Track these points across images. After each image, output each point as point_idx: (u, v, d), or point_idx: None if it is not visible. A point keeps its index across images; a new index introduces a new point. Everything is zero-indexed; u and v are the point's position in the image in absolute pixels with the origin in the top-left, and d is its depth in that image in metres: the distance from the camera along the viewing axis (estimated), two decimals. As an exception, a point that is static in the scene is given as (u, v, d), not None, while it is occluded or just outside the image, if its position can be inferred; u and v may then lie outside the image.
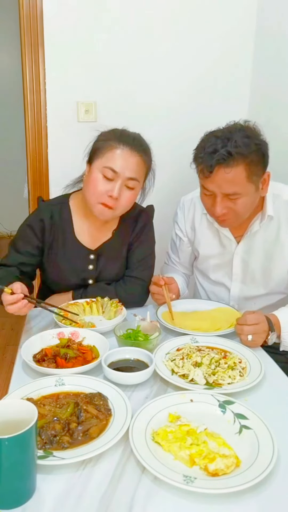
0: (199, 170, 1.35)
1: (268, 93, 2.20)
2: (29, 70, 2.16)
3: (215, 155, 1.27)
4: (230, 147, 1.26)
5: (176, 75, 2.27)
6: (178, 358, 1.16)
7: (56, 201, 1.57)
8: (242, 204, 1.34)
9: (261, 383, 1.10)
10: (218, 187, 1.31)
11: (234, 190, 1.31)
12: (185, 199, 1.66)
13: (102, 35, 2.16)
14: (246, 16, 2.25)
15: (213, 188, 1.33)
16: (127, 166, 1.36)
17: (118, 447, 0.87)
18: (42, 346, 1.22)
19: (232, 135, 1.29)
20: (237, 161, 1.27)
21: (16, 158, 4.39)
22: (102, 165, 1.37)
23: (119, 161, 1.36)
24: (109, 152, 1.37)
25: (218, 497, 0.77)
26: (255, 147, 1.29)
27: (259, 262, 1.51)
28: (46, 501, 0.76)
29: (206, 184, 1.35)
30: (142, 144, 1.42)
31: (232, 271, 1.57)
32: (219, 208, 1.35)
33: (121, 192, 1.37)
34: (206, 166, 1.30)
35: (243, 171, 1.28)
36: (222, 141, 1.28)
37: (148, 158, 1.44)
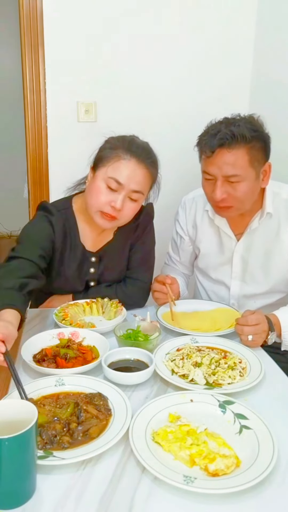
0: (201, 152, 1.36)
1: (268, 95, 2.20)
2: (29, 70, 2.16)
3: (218, 135, 1.29)
4: (234, 129, 1.28)
5: (176, 74, 2.28)
6: (178, 358, 1.16)
7: (61, 206, 1.49)
8: (242, 189, 1.34)
9: (261, 383, 1.10)
10: (219, 168, 1.32)
11: (235, 172, 1.31)
12: (187, 198, 1.67)
13: (102, 35, 2.16)
14: (246, 16, 2.25)
15: (213, 171, 1.33)
16: (133, 178, 1.33)
17: (118, 447, 0.87)
18: (42, 346, 1.22)
19: (236, 120, 1.32)
20: (239, 144, 1.28)
21: (16, 158, 4.40)
22: (107, 174, 1.33)
23: (125, 172, 1.32)
24: (115, 162, 1.33)
25: (218, 497, 0.77)
26: (258, 134, 1.31)
27: (258, 260, 1.52)
28: (46, 501, 0.76)
29: (207, 167, 1.35)
30: (150, 156, 1.39)
31: (232, 269, 1.58)
32: (219, 192, 1.34)
33: (124, 204, 1.34)
34: (208, 147, 1.31)
35: (245, 154, 1.29)
36: (225, 124, 1.31)
37: (155, 171, 1.41)
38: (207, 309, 1.52)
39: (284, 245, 1.47)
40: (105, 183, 1.34)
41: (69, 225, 1.47)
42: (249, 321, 1.24)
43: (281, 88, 2.06)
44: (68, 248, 1.48)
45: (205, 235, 1.61)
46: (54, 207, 1.46)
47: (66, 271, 1.49)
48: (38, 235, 1.40)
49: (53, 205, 1.49)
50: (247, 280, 1.57)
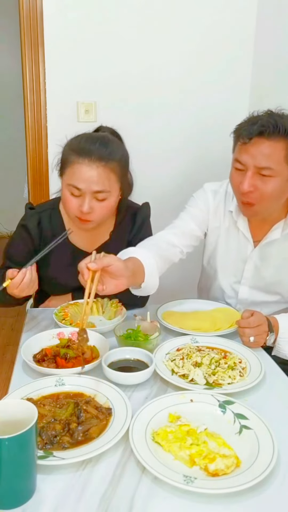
0: (237, 138, 1.30)
1: (268, 96, 2.20)
2: (29, 70, 2.16)
3: (258, 123, 1.23)
4: (277, 119, 1.22)
5: (176, 74, 2.27)
6: (178, 358, 1.16)
7: (45, 206, 1.52)
8: (271, 186, 1.26)
9: (261, 383, 1.10)
10: (253, 158, 1.25)
11: (268, 165, 1.24)
12: (210, 188, 1.54)
13: (102, 35, 2.16)
14: (246, 16, 2.25)
15: (246, 160, 1.26)
16: (90, 180, 1.29)
17: (118, 447, 0.87)
18: (42, 346, 1.22)
19: (281, 114, 1.27)
20: (279, 136, 1.22)
21: (16, 158, 4.40)
22: (67, 182, 1.32)
23: (80, 177, 1.29)
24: (69, 168, 1.31)
25: (218, 497, 0.77)
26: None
27: (271, 272, 1.48)
28: (46, 501, 0.76)
29: (241, 155, 1.28)
30: (105, 149, 1.31)
31: (243, 274, 1.53)
32: (247, 183, 1.27)
33: (93, 205, 1.32)
34: (246, 133, 1.25)
35: (283, 148, 1.23)
36: (270, 115, 1.26)
37: (118, 162, 1.34)
38: (207, 308, 1.51)
39: None
40: (68, 190, 1.33)
41: (54, 225, 1.47)
42: (251, 323, 1.23)
43: (281, 88, 2.06)
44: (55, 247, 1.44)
45: (224, 234, 1.54)
46: (35, 209, 1.49)
47: (56, 269, 1.47)
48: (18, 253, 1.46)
49: (38, 206, 1.53)
50: (256, 287, 1.53)
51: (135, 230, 1.54)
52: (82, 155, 1.30)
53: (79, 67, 2.18)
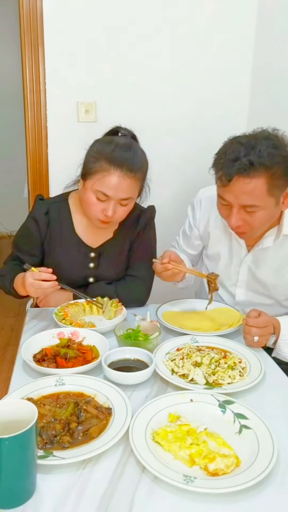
0: (218, 177, 1.28)
1: (268, 98, 2.20)
2: (29, 70, 2.16)
3: (236, 163, 1.19)
4: (253, 156, 1.17)
5: (176, 74, 2.27)
6: (178, 358, 1.16)
7: (55, 199, 1.59)
8: (259, 218, 1.27)
9: (261, 383, 1.10)
10: (236, 197, 1.24)
11: (252, 203, 1.23)
12: (203, 196, 1.58)
13: (102, 35, 2.16)
14: (247, 19, 2.25)
15: (230, 199, 1.26)
16: (119, 189, 1.35)
17: (118, 447, 0.87)
18: (42, 346, 1.22)
19: (257, 143, 1.20)
20: (259, 172, 1.18)
21: (16, 158, 4.40)
22: (94, 187, 1.36)
23: (111, 186, 1.34)
24: (100, 175, 1.35)
25: (218, 497, 0.77)
26: (281, 159, 1.20)
27: (266, 276, 1.48)
28: (46, 501, 0.76)
29: (224, 194, 1.27)
30: (135, 161, 1.37)
31: (238, 277, 1.53)
32: (234, 220, 1.28)
33: (116, 209, 1.38)
34: (225, 174, 1.22)
35: (264, 183, 1.20)
36: (245, 148, 1.19)
37: (141, 174, 1.41)
38: (208, 309, 1.51)
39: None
40: (94, 195, 1.37)
41: (62, 216, 1.53)
42: (260, 323, 1.23)
43: (281, 92, 2.06)
44: (59, 235, 1.52)
45: (217, 238, 1.56)
46: (45, 200, 1.57)
47: (60, 259, 1.51)
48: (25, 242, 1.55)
49: (47, 198, 1.61)
50: (251, 290, 1.53)
51: (138, 230, 1.56)
52: (114, 165, 1.34)
53: (79, 67, 2.18)
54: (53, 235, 1.52)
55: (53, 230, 1.51)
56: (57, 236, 1.52)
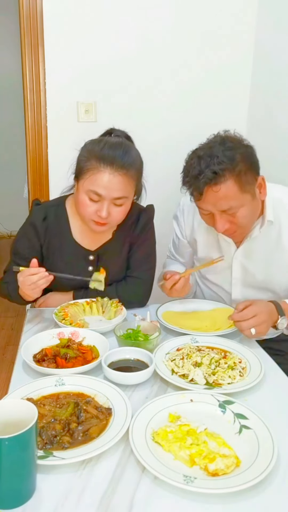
0: (190, 193, 1.33)
1: (267, 98, 2.20)
2: (29, 70, 2.16)
3: (201, 177, 1.25)
4: (214, 166, 1.23)
5: (176, 75, 2.27)
6: (178, 358, 1.16)
7: (52, 203, 1.57)
8: (241, 215, 1.31)
9: (261, 383, 1.10)
10: (213, 205, 1.29)
11: (230, 205, 1.28)
12: (185, 202, 1.62)
13: (102, 35, 2.16)
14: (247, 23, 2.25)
15: (208, 208, 1.31)
16: (112, 187, 1.32)
17: (118, 447, 0.87)
18: (42, 346, 1.22)
19: (213, 151, 1.25)
20: (225, 177, 1.24)
21: (16, 158, 4.40)
22: (86, 187, 1.34)
23: (102, 184, 1.32)
24: (91, 174, 1.33)
25: (218, 497, 0.77)
26: (240, 157, 1.25)
27: (259, 268, 1.49)
28: (46, 501, 0.76)
29: (201, 205, 1.33)
30: (127, 157, 1.35)
31: (232, 275, 1.54)
32: (220, 225, 1.32)
33: (110, 210, 1.36)
34: (195, 190, 1.28)
35: (233, 184, 1.25)
36: (205, 160, 1.25)
37: (136, 169, 1.38)
38: (207, 308, 1.52)
39: (285, 251, 1.43)
40: (87, 195, 1.35)
41: (59, 220, 1.51)
42: (244, 315, 1.24)
43: (280, 93, 2.06)
44: (57, 241, 1.50)
45: (204, 241, 1.58)
46: (42, 205, 1.54)
47: (58, 265, 1.49)
48: (24, 248, 1.51)
49: (44, 202, 1.58)
50: (248, 286, 1.54)
51: (137, 231, 1.54)
52: (104, 163, 1.32)
53: (79, 67, 2.18)
54: (51, 241, 1.50)
55: (51, 235, 1.50)
56: (55, 242, 1.50)
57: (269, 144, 2.09)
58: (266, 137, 2.13)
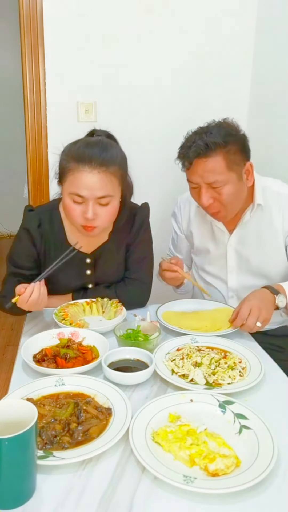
0: (182, 164, 1.41)
1: (267, 96, 2.20)
2: (29, 70, 2.16)
3: (192, 148, 1.34)
4: (207, 138, 1.32)
5: (176, 75, 2.28)
6: (178, 358, 1.16)
7: (45, 208, 1.53)
8: (226, 193, 1.38)
9: (261, 383, 1.10)
10: (200, 177, 1.37)
11: (215, 179, 1.35)
12: (182, 198, 1.71)
13: (102, 35, 2.16)
14: (246, 18, 2.25)
15: (196, 179, 1.38)
16: (93, 187, 1.29)
17: (118, 447, 0.87)
18: (42, 346, 1.22)
19: (209, 128, 1.36)
20: (214, 151, 1.32)
21: (16, 158, 4.40)
22: (68, 190, 1.32)
23: (82, 185, 1.28)
24: (70, 177, 1.30)
25: (218, 497, 0.77)
26: (232, 138, 1.35)
27: (252, 252, 1.55)
28: (46, 501, 0.76)
29: (190, 177, 1.40)
30: (105, 154, 1.31)
31: (227, 263, 1.60)
32: (205, 198, 1.39)
33: (97, 211, 1.32)
34: (186, 159, 1.37)
35: (221, 160, 1.33)
36: (199, 135, 1.35)
37: (118, 165, 1.33)
38: (207, 308, 1.52)
39: (277, 234, 1.49)
40: (70, 199, 1.32)
41: (54, 226, 1.48)
42: (243, 317, 1.27)
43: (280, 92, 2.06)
44: (53, 247, 1.48)
45: (199, 231, 1.65)
46: (36, 211, 1.49)
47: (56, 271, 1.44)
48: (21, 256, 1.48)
49: (37, 208, 1.53)
50: (243, 272, 1.59)
51: (134, 232, 1.53)
52: (82, 162, 1.29)
53: (79, 67, 2.18)
54: (47, 247, 1.48)
55: (47, 242, 1.47)
56: (51, 248, 1.47)
57: (269, 145, 2.09)
58: (266, 136, 2.13)
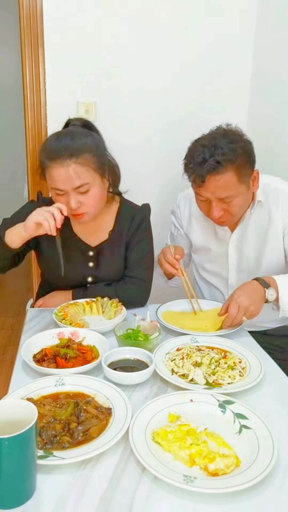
0: (192, 180, 1.40)
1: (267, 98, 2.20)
2: (29, 70, 2.16)
3: (205, 165, 1.32)
4: (218, 156, 1.31)
5: (176, 75, 2.28)
6: (178, 358, 1.16)
7: (48, 199, 1.54)
8: (236, 204, 1.40)
9: (261, 383, 1.10)
10: (212, 193, 1.37)
11: (228, 194, 1.36)
12: (182, 195, 1.72)
13: (102, 35, 2.16)
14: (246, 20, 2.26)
15: (207, 195, 1.38)
16: (67, 180, 1.33)
17: (118, 447, 0.87)
18: (42, 346, 1.22)
19: (217, 142, 1.33)
20: (226, 168, 1.32)
21: (16, 158, 4.39)
22: (49, 186, 1.38)
23: (57, 179, 1.33)
24: (48, 173, 1.36)
25: (218, 497, 0.77)
26: (241, 150, 1.34)
27: (252, 249, 1.56)
28: (46, 501, 0.76)
29: (200, 192, 1.39)
30: (72, 145, 1.33)
31: (228, 261, 1.61)
32: (216, 212, 1.40)
33: (79, 200, 1.36)
34: (198, 176, 1.35)
35: (233, 175, 1.34)
36: (209, 149, 1.32)
37: (89, 153, 1.34)
38: (207, 308, 1.52)
39: (276, 230, 1.50)
40: (53, 193, 1.39)
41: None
42: (232, 316, 1.30)
43: (280, 90, 2.06)
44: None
45: (200, 229, 1.65)
46: (44, 199, 1.55)
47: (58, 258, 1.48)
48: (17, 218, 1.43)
49: (40, 199, 1.59)
50: (243, 270, 1.60)
51: (132, 231, 1.54)
52: (53, 158, 1.33)
53: (79, 67, 2.18)
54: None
55: None
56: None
57: (269, 145, 2.09)
58: (266, 136, 2.13)
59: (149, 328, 1.27)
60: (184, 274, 1.51)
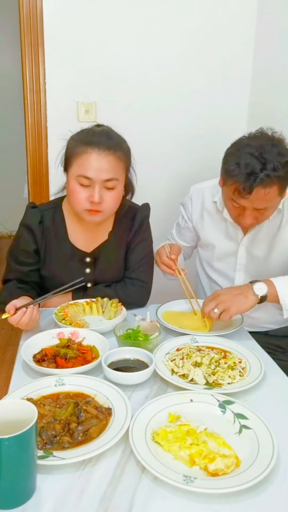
0: (234, 187, 1.32)
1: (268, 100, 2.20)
2: (29, 70, 2.16)
3: (254, 178, 1.26)
4: (270, 171, 1.26)
5: (176, 75, 2.27)
6: (178, 358, 1.16)
7: (48, 205, 1.54)
8: (268, 214, 1.40)
9: (261, 383, 1.10)
10: (251, 203, 1.33)
11: (266, 205, 1.35)
12: (195, 187, 1.68)
13: (102, 35, 2.16)
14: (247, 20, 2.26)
15: (245, 204, 1.34)
16: (100, 169, 1.31)
17: (118, 447, 0.87)
18: (42, 346, 1.22)
19: (267, 153, 1.27)
20: (274, 182, 1.29)
21: (16, 158, 4.39)
22: (75, 174, 1.34)
23: (90, 166, 1.31)
24: (78, 159, 1.33)
25: (218, 497, 0.77)
26: (286, 164, 1.30)
27: (262, 252, 1.54)
28: (46, 501, 0.76)
29: (238, 200, 1.34)
30: (111, 140, 1.35)
31: (237, 261, 1.59)
32: (248, 220, 1.38)
33: (103, 195, 1.34)
34: (245, 187, 1.29)
35: (277, 189, 1.31)
36: (259, 161, 1.26)
37: (122, 153, 1.37)
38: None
39: (286, 235, 1.50)
40: (77, 182, 1.34)
41: (56, 223, 1.49)
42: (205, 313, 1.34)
43: (280, 89, 2.06)
44: (54, 244, 1.48)
45: (212, 226, 1.62)
46: (38, 208, 1.50)
47: (56, 268, 1.49)
48: (21, 253, 1.48)
49: (40, 206, 1.54)
50: (250, 272, 1.58)
51: (133, 231, 1.54)
52: (90, 145, 1.32)
53: (79, 67, 2.18)
54: (48, 244, 1.48)
55: (48, 239, 1.48)
56: (52, 245, 1.48)
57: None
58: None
59: (149, 328, 1.27)
60: (181, 273, 1.49)
